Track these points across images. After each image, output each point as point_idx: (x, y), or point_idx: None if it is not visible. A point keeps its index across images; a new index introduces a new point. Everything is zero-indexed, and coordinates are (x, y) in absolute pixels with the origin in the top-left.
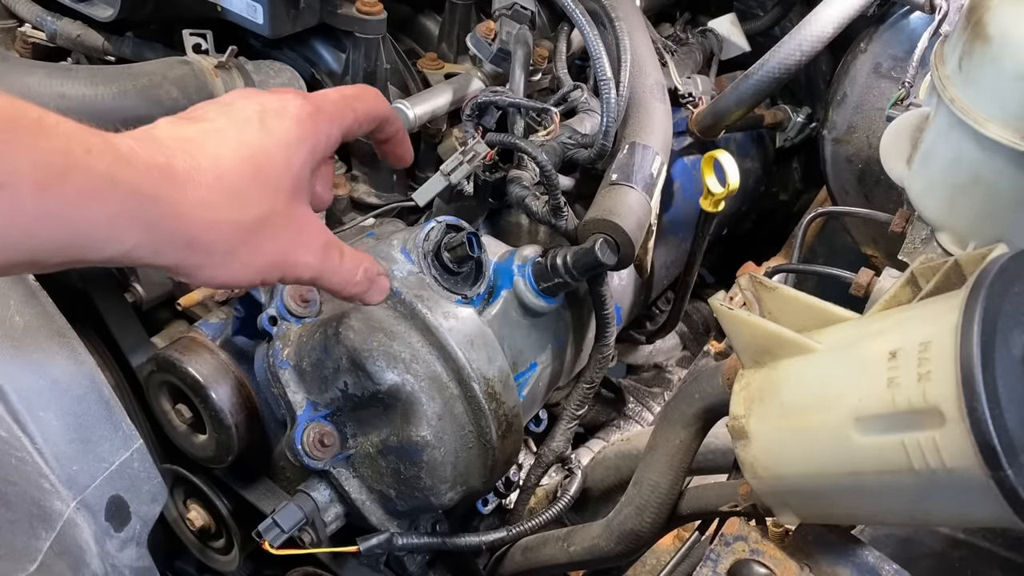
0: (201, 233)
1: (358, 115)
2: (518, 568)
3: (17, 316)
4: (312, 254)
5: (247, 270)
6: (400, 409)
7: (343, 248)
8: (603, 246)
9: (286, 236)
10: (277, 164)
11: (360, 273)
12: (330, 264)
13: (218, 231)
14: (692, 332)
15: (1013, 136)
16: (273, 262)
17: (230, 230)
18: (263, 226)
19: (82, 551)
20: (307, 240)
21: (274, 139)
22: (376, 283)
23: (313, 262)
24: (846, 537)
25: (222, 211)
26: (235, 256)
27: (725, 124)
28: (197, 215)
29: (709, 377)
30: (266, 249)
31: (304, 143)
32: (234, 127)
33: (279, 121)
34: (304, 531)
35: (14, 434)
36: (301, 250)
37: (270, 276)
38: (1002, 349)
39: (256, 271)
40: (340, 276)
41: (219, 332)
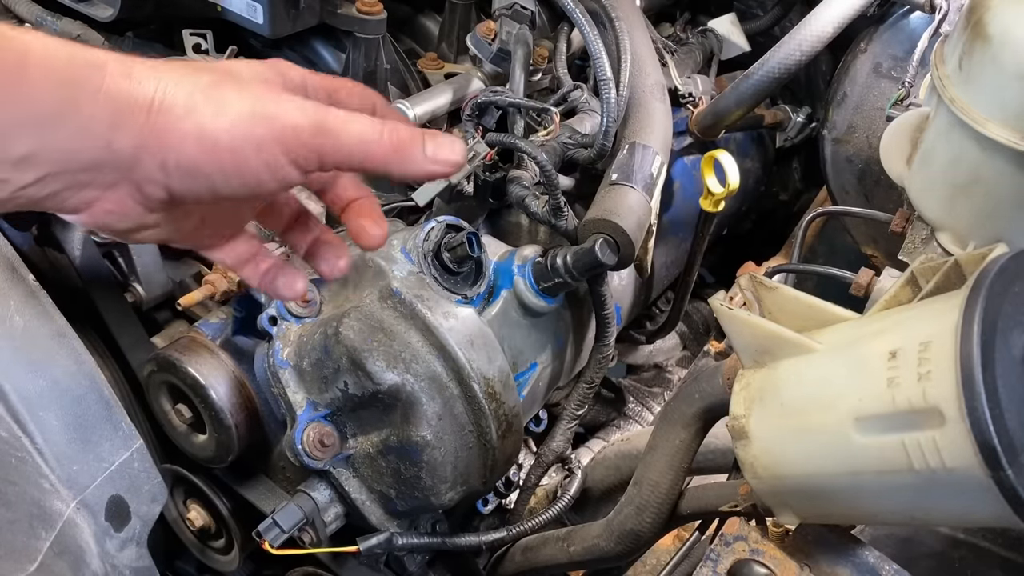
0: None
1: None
2: (518, 568)
3: (17, 316)
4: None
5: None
6: (400, 409)
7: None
8: (603, 246)
9: (256, 94)
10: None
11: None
12: (333, 117)
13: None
14: (692, 332)
15: (1013, 136)
16: (254, 112)
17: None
18: (222, 84)
19: (82, 551)
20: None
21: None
22: (429, 136)
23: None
24: (846, 537)
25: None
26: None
27: (725, 124)
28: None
29: (709, 377)
30: (237, 99)
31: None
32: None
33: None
34: (304, 531)
35: (14, 434)
36: (284, 100)
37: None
38: (1002, 349)
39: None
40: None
41: (219, 332)
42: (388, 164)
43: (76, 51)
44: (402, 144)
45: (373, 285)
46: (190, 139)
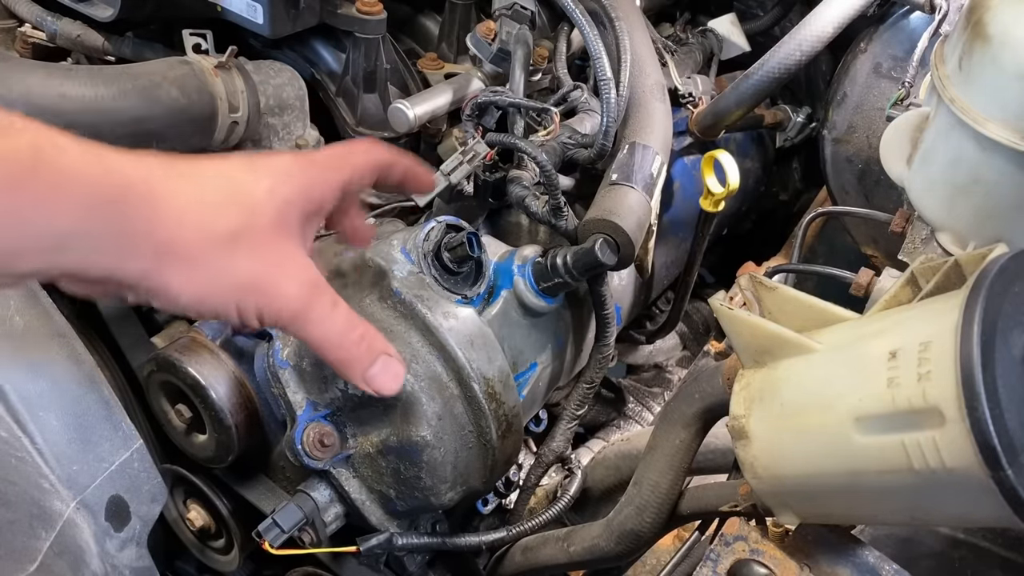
0: (171, 238)
1: (357, 166)
2: (518, 568)
3: (17, 316)
4: (297, 286)
5: (218, 285)
6: (400, 409)
7: (339, 301)
8: (603, 246)
9: (265, 258)
10: (258, 191)
11: (356, 334)
12: (319, 308)
13: (188, 236)
14: (692, 332)
15: (1013, 136)
16: (248, 283)
17: (203, 234)
18: (238, 240)
19: (82, 551)
20: (291, 271)
21: (257, 173)
22: (384, 361)
23: (296, 295)
24: (846, 537)
25: (195, 217)
26: (205, 266)
27: (725, 124)
28: (168, 221)
29: (709, 377)
30: (241, 266)
31: (292, 179)
32: (220, 164)
33: (266, 160)
34: (304, 531)
35: (14, 434)
36: (283, 279)
37: (245, 300)
38: (1002, 349)
39: (228, 289)
40: (330, 327)
41: (219, 332)
42: (334, 366)
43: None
44: (353, 360)
45: (373, 285)
46: (186, 288)
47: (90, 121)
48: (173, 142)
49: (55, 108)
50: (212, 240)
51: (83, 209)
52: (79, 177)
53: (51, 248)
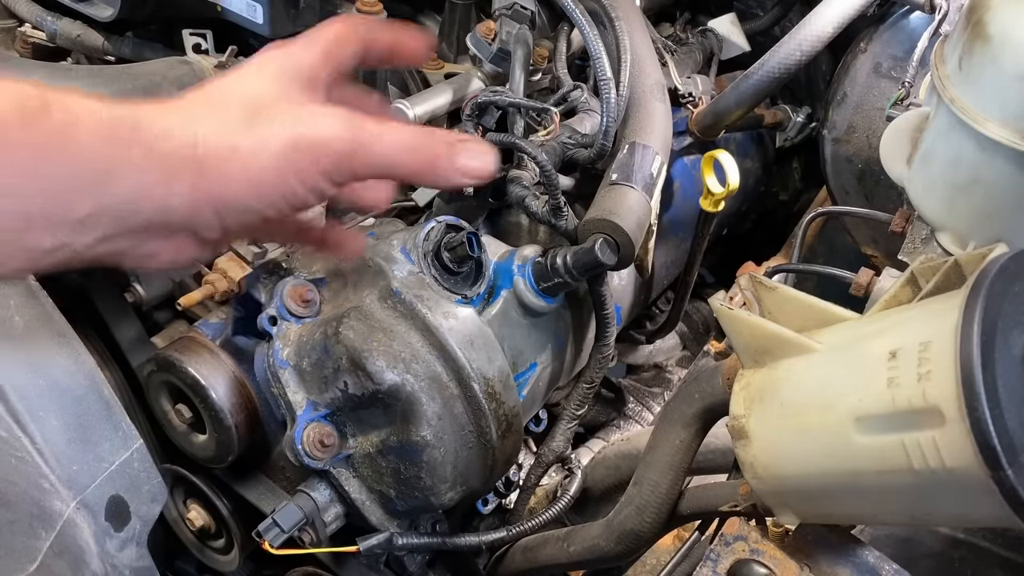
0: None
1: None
2: (518, 568)
3: (17, 316)
4: (333, 121)
5: (267, 164)
6: (400, 409)
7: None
8: (603, 246)
9: (289, 118)
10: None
11: (421, 134)
12: (370, 128)
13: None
14: (692, 332)
15: (1013, 136)
16: (290, 144)
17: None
18: (256, 115)
19: (82, 551)
20: (319, 117)
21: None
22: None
23: (343, 127)
24: (846, 537)
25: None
26: (243, 149)
27: (725, 124)
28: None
29: (709, 377)
30: (274, 131)
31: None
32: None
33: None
34: (304, 531)
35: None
36: (318, 125)
37: (300, 164)
38: (1002, 349)
39: (277, 162)
40: (392, 137)
41: (219, 332)
42: (418, 176)
43: (114, 110)
44: (434, 157)
45: (373, 285)
46: (239, 181)
47: None
48: None
49: None
50: (234, 129)
51: (105, 141)
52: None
53: (95, 182)
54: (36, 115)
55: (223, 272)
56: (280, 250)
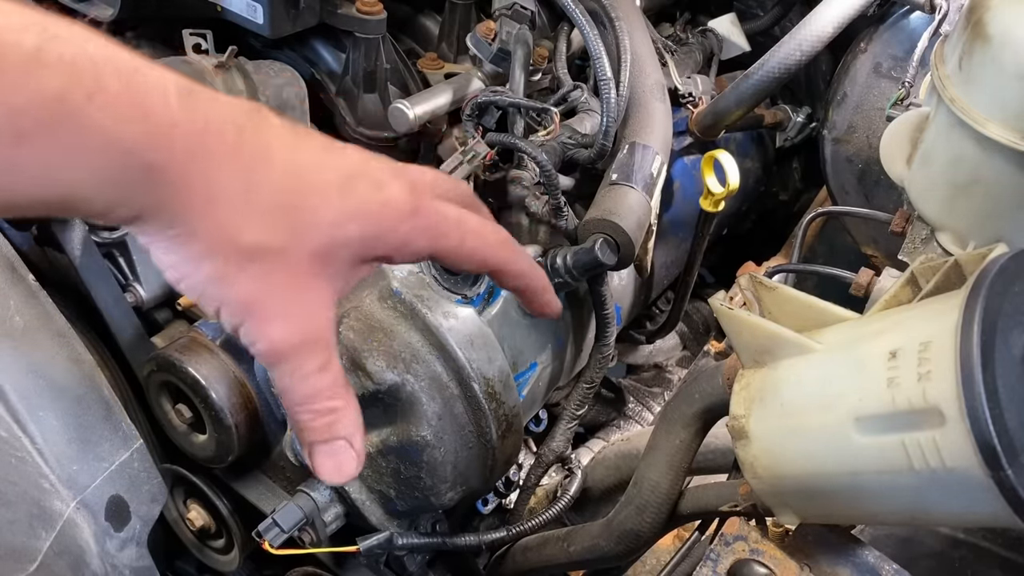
0: (193, 220)
1: (463, 248)
2: (518, 568)
3: (17, 316)
4: (287, 331)
5: (209, 288)
6: (400, 409)
7: (331, 366)
8: (603, 246)
9: (274, 285)
10: (321, 214)
11: (322, 405)
12: (299, 363)
13: (202, 230)
14: (692, 332)
15: (1013, 136)
16: (239, 302)
17: (220, 238)
18: (257, 259)
19: (82, 551)
20: (294, 311)
21: (346, 192)
22: (337, 447)
23: (280, 339)
24: (846, 537)
25: (224, 216)
26: (207, 268)
27: (725, 124)
28: (191, 212)
29: (709, 377)
30: (243, 286)
31: (369, 223)
32: (315, 152)
33: (369, 184)
34: (304, 531)
35: (14, 434)
36: (280, 318)
37: (227, 313)
38: (1002, 349)
39: (215, 296)
40: (301, 386)
41: (219, 332)
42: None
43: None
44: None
45: (373, 285)
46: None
47: None
48: None
49: None
50: (231, 246)
51: (98, 173)
52: (106, 140)
53: (59, 204)
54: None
55: None
56: None
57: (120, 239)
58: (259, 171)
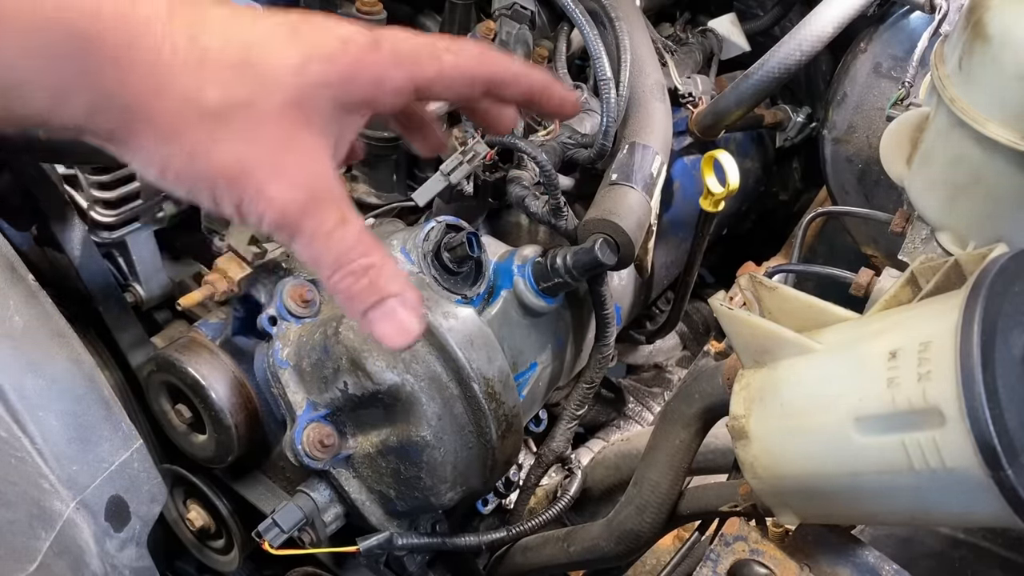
0: (147, 97)
1: (445, 70)
2: (518, 568)
3: (17, 316)
4: (290, 187)
5: (193, 166)
6: (400, 409)
7: (350, 218)
8: (603, 246)
9: (261, 143)
10: (282, 64)
11: (360, 267)
12: (315, 221)
13: (167, 101)
14: (692, 332)
15: (1013, 136)
16: (230, 169)
17: (183, 105)
18: (230, 116)
19: (82, 551)
20: (288, 166)
21: (294, 40)
22: (388, 307)
23: (288, 199)
24: (846, 537)
25: (181, 83)
26: (179, 141)
27: (725, 124)
28: (143, 85)
29: (709, 377)
30: (224, 147)
31: (333, 62)
32: (252, 12)
33: (316, 30)
34: (304, 531)
35: (14, 434)
36: (273, 174)
37: (221, 189)
38: (1002, 349)
39: (204, 171)
40: (325, 247)
41: (219, 332)
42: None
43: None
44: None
45: None
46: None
47: None
48: None
49: None
50: (195, 111)
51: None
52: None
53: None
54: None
55: (223, 272)
56: (280, 250)
57: (120, 239)
58: (202, 35)
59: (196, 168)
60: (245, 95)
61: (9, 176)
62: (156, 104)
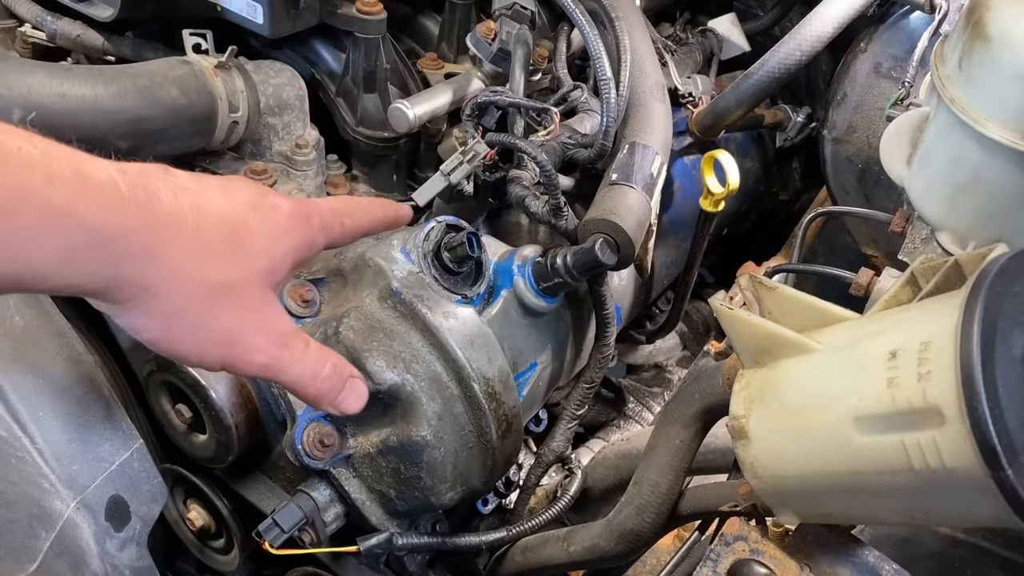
0: (161, 281)
1: (345, 230)
2: (518, 568)
3: (17, 316)
4: (268, 338)
5: (194, 338)
6: (400, 409)
7: (309, 341)
8: (603, 246)
9: (246, 314)
10: (258, 241)
11: (328, 368)
12: (289, 354)
13: (179, 283)
14: (692, 332)
15: (1013, 136)
16: (224, 338)
17: (192, 286)
18: (226, 294)
19: (82, 551)
20: (267, 324)
21: (262, 220)
22: (350, 384)
23: (268, 347)
24: (846, 537)
25: (190, 264)
26: (186, 317)
27: (725, 124)
28: (163, 261)
29: (709, 377)
30: (222, 321)
31: (290, 237)
32: (228, 195)
33: (272, 210)
34: (304, 531)
35: (14, 434)
36: (257, 332)
37: (213, 355)
38: (1002, 349)
39: (203, 343)
40: (301, 368)
41: None
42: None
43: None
44: (324, 393)
45: (373, 285)
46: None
47: (90, 121)
48: (173, 142)
49: (55, 108)
50: (201, 292)
51: (64, 249)
52: (64, 214)
53: (26, 279)
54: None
55: None
56: None
57: None
58: (199, 220)
59: (198, 337)
60: (238, 274)
61: None
62: (168, 289)
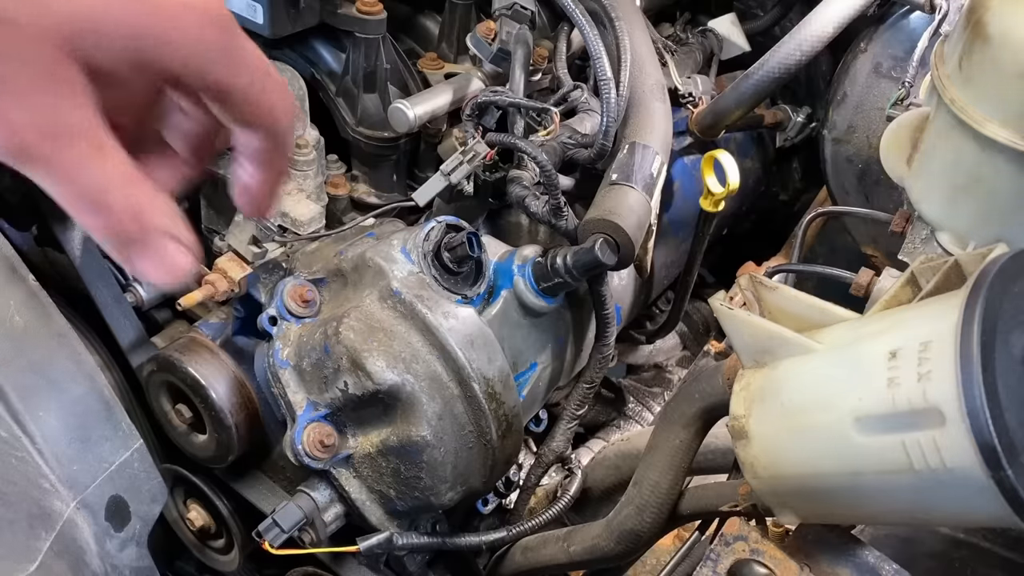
0: None
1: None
2: (518, 568)
3: (17, 316)
4: (35, 118)
5: None
6: (400, 409)
7: (112, 149)
8: (603, 246)
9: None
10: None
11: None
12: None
13: None
14: (692, 332)
15: (1013, 136)
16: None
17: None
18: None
19: (82, 551)
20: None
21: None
22: (155, 240)
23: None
24: (846, 537)
25: None
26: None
27: (725, 124)
28: None
29: (709, 377)
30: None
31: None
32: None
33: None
34: (304, 531)
35: (14, 434)
36: (19, 106)
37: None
38: (1002, 349)
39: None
40: (80, 180)
41: (219, 332)
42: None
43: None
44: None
45: (373, 285)
46: None
47: None
48: None
49: None
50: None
51: None
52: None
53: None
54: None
55: (223, 272)
56: (280, 250)
57: None
58: None
59: None
60: (11, 12)
61: (9, 176)
62: None
